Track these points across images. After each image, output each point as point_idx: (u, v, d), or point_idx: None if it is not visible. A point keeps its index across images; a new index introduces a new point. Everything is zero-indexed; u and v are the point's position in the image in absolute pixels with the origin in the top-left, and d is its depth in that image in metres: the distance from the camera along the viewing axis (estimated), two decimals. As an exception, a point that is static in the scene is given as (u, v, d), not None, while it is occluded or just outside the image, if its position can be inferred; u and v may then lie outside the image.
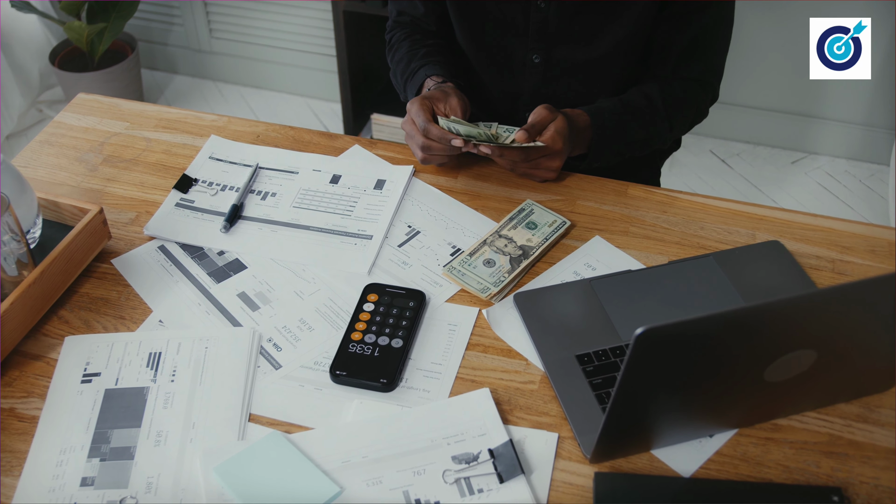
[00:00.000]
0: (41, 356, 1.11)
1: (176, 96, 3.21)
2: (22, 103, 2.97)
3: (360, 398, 1.05)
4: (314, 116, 3.11)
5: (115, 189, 1.35)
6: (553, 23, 1.38)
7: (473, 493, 0.94)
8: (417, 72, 1.45)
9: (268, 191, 1.35)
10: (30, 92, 3.02)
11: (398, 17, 1.57)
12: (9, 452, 1.00)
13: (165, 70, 3.31)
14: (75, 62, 2.95)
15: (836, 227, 1.27)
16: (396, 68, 1.53)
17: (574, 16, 1.37)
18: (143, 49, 3.24)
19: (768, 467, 0.98)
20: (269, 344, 1.12)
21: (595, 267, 1.22)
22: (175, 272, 1.21)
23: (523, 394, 1.06)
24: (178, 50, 3.24)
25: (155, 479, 0.96)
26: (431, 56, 1.48)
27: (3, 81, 2.87)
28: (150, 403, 1.04)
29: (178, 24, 3.17)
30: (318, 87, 3.16)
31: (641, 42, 1.40)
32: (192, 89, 3.24)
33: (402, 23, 1.57)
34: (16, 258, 1.12)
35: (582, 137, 1.34)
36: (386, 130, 2.94)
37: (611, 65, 1.42)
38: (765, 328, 0.85)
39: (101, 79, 2.88)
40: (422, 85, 1.43)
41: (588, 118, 1.35)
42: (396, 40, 1.55)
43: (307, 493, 0.93)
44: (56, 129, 1.47)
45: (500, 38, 1.44)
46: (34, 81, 3.03)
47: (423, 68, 1.45)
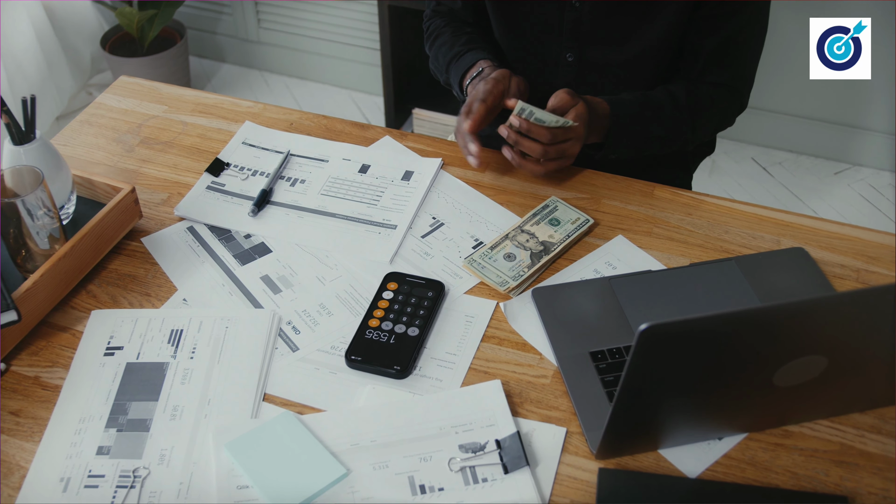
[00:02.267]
0: (68, 328, 1.14)
1: (222, 84, 3.26)
2: (73, 85, 3.04)
3: (374, 384, 1.07)
4: (357, 109, 3.14)
5: (149, 170, 1.39)
6: (587, 22, 1.38)
7: (478, 483, 0.95)
8: (464, 55, 1.45)
9: (297, 177, 1.37)
10: (81, 75, 3.09)
11: (437, 7, 1.59)
12: (31, 419, 1.03)
13: (213, 58, 3.36)
14: (125, 47, 3.01)
15: (863, 237, 1.25)
16: (438, 52, 1.53)
17: (607, 16, 1.37)
18: (192, 37, 3.29)
19: (776, 473, 0.98)
20: (289, 327, 1.14)
21: (615, 266, 1.22)
22: (202, 253, 1.24)
23: (535, 387, 1.06)
24: (226, 39, 3.29)
25: (168, 451, 0.99)
26: (475, 42, 1.48)
27: (56, 64, 2.94)
28: (169, 378, 1.07)
29: (227, 14, 3.22)
30: (362, 80, 3.18)
31: (674, 45, 1.40)
32: (238, 78, 3.29)
33: (440, 12, 1.58)
34: (48, 232, 1.15)
35: (600, 125, 1.33)
36: (427, 125, 2.96)
37: (644, 66, 1.42)
38: (774, 331, 0.84)
39: (150, 64, 2.94)
40: (470, 67, 1.42)
41: (608, 107, 1.34)
42: (436, 27, 1.57)
43: (314, 472, 0.95)
44: (97, 110, 1.51)
45: (536, 35, 1.44)
46: (85, 65, 3.10)
47: (470, 52, 1.45)
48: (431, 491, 0.95)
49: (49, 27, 2.88)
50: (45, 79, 2.87)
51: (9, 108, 1.18)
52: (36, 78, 2.83)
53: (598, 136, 1.35)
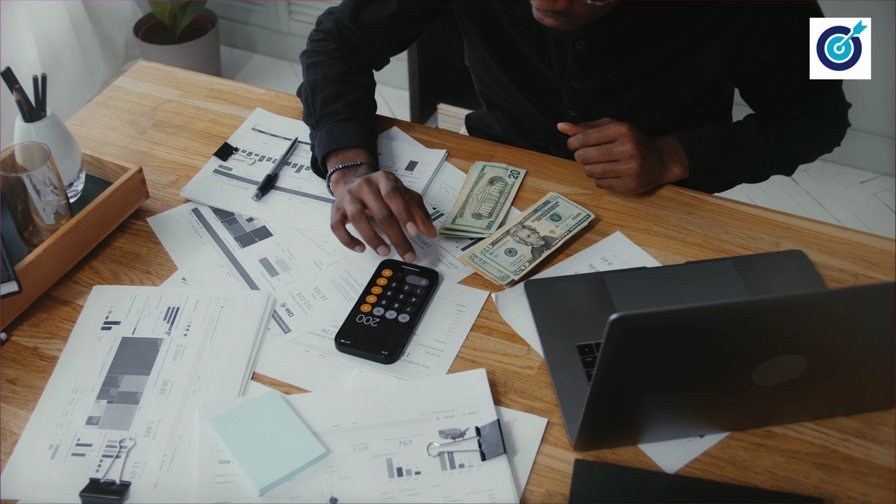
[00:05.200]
0: (69, 302, 1.17)
1: (252, 74, 3.30)
2: (106, 71, 3.09)
3: (361, 367, 1.08)
4: (384, 103, 3.16)
5: (159, 152, 1.41)
6: (586, 99, 1.37)
7: (455, 468, 0.96)
8: (346, 123, 1.30)
9: (303, 164, 1.39)
10: (114, 61, 3.15)
11: (347, 22, 1.40)
12: (27, 387, 1.06)
13: (244, 48, 3.40)
14: (158, 35, 3.06)
15: (864, 242, 1.24)
16: (318, 90, 1.34)
17: (608, 94, 1.35)
18: (224, 26, 3.34)
19: (755, 473, 0.97)
20: (283, 309, 1.15)
21: (611, 262, 1.22)
22: (204, 234, 1.26)
23: (520, 378, 1.07)
24: (258, 29, 3.33)
25: (155, 424, 1.01)
26: (360, 111, 1.34)
27: (90, 50, 2.99)
28: (162, 354, 1.09)
29: (259, 4, 3.26)
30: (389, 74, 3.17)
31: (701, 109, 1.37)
32: (268, 68, 3.33)
33: (344, 34, 1.41)
34: (54, 209, 1.18)
35: (668, 149, 1.31)
36: (451, 121, 2.97)
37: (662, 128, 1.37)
38: (749, 327, 0.84)
39: (181, 52, 2.99)
40: (345, 149, 1.28)
41: (673, 138, 1.32)
42: (326, 51, 1.39)
43: (294, 450, 0.97)
44: (113, 93, 1.54)
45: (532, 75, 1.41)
46: (119, 51, 3.16)
47: (353, 125, 1.30)
48: (408, 474, 0.96)
49: (84, 14, 2.94)
50: (79, 64, 2.93)
51: (21, 86, 1.21)
52: (70, 63, 2.89)
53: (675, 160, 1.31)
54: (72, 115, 1.50)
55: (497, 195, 1.31)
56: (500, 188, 1.32)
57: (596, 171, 1.28)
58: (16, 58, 2.66)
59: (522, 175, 1.35)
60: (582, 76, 1.33)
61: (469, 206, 1.29)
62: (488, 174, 1.35)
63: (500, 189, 1.32)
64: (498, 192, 1.32)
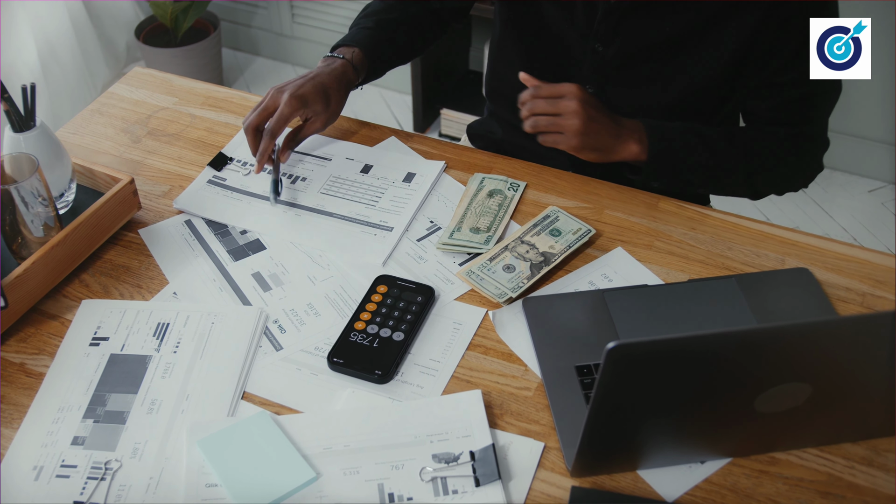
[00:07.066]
0: (58, 316, 1.14)
1: (254, 77, 3.28)
2: (107, 74, 3.07)
3: (354, 387, 1.05)
4: (386, 107, 3.14)
5: (153, 161, 1.39)
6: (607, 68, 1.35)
7: (448, 494, 0.93)
8: (363, 31, 1.46)
9: (298, 175, 1.36)
10: (115, 64, 3.12)
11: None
12: (12, 405, 1.04)
13: (247, 51, 3.38)
14: (160, 38, 3.04)
15: (871, 259, 1.21)
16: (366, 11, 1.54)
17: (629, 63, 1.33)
18: (226, 29, 3.32)
19: (757, 501, 0.94)
20: (275, 325, 1.13)
21: (612, 279, 1.19)
22: (196, 247, 1.24)
23: (517, 399, 1.04)
24: (261, 32, 3.31)
25: (142, 445, 0.98)
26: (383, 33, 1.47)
27: (90, 52, 2.97)
28: (150, 372, 1.06)
29: (261, 7, 3.24)
30: (393, 78, 3.15)
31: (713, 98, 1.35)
32: (270, 72, 3.30)
33: None
34: (43, 221, 1.15)
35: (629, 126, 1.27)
36: (454, 126, 2.95)
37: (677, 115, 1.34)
38: (751, 356, 0.81)
39: (183, 55, 2.96)
40: (343, 45, 1.44)
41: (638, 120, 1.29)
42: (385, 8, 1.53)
43: (284, 474, 0.94)
44: (108, 100, 1.52)
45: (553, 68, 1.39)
46: (120, 54, 3.14)
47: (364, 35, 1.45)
48: (400, 500, 0.93)
49: (85, 16, 2.92)
50: (80, 67, 2.91)
51: (10, 95, 1.19)
52: (70, 66, 2.87)
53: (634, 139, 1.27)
54: (72, 117, 1.48)
55: (496, 209, 1.29)
56: (499, 201, 1.30)
57: (541, 122, 1.24)
58: (15, 60, 2.64)
59: (522, 188, 1.32)
60: (608, 37, 1.31)
61: (467, 219, 1.27)
62: (487, 186, 1.32)
63: (499, 202, 1.30)
64: (497, 205, 1.29)
